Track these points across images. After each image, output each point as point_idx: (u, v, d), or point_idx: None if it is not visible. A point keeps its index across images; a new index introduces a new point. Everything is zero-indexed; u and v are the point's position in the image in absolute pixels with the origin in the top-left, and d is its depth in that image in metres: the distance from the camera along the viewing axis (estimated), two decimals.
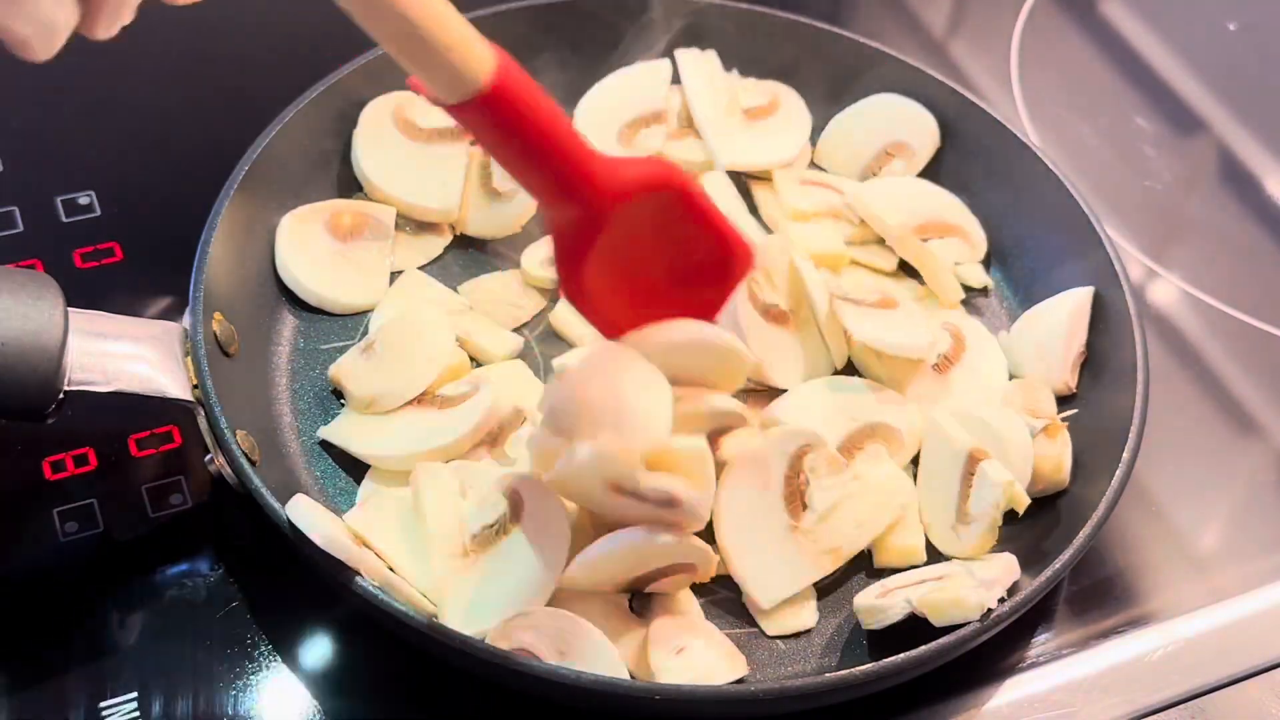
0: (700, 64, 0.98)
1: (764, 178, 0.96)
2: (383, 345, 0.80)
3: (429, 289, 0.86)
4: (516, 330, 0.86)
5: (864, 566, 0.77)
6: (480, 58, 0.58)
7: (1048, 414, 0.80)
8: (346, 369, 0.80)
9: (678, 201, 0.68)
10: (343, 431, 0.79)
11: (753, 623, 0.74)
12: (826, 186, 0.95)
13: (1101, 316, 0.85)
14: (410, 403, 0.79)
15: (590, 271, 0.66)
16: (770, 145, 0.96)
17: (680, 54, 0.99)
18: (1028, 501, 0.75)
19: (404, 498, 0.74)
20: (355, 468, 0.78)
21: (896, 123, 0.97)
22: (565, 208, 0.64)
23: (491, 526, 0.72)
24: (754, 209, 0.95)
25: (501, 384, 0.79)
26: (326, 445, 0.79)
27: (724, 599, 0.75)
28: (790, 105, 0.99)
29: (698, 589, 0.74)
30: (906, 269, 0.92)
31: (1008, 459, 0.76)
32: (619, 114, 0.96)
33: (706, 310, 0.73)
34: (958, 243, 0.93)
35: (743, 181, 0.95)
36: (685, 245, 0.70)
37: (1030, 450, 0.77)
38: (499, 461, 0.78)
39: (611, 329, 0.70)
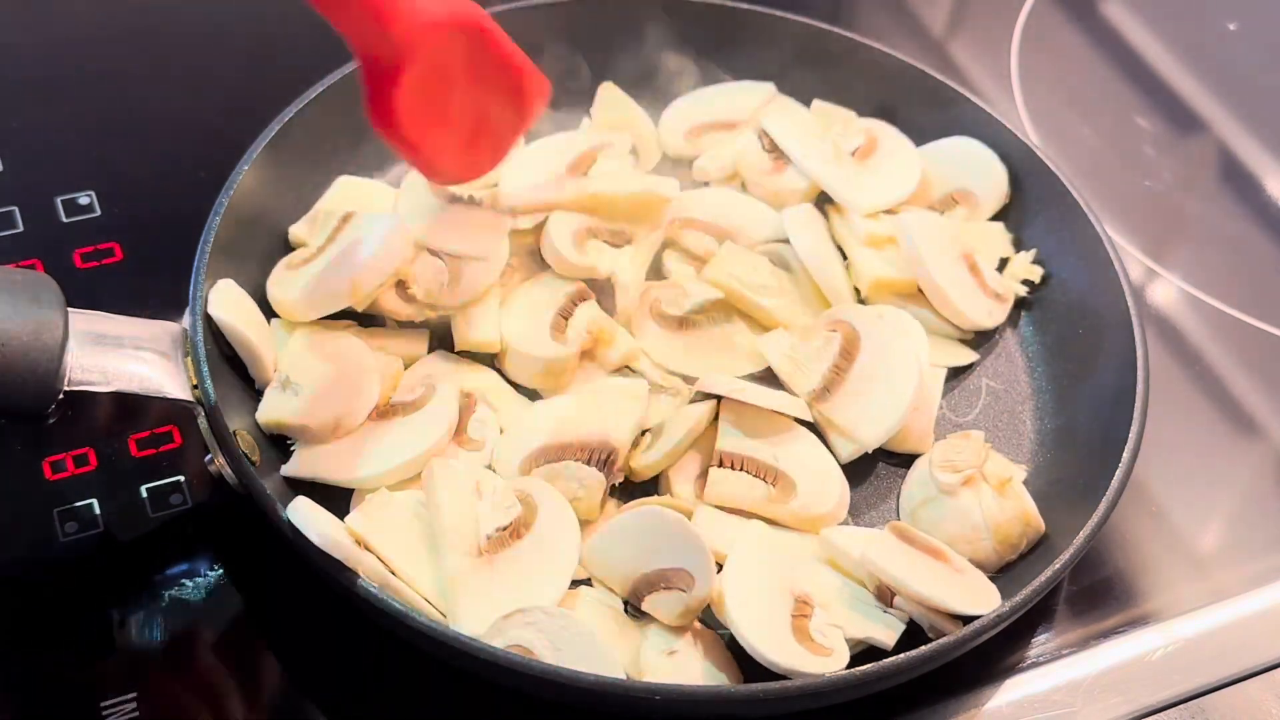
0: (789, 123, 0.96)
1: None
2: (298, 375, 0.77)
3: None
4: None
5: None
6: None
7: (968, 464, 0.77)
8: (280, 409, 0.76)
9: (479, 38, 0.72)
10: (309, 464, 0.75)
11: None
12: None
13: (1102, 316, 0.85)
14: (368, 418, 0.78)
15: (401, 107, 0.69)
16: (891, 181, 0.94)
17: (766, 121, 0.96)
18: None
19: (403, 500, 0.73)
20: None
21: (967, 170, 0.95)
22: (375, 45, 0.67)
23: (505, 529, 0.72)
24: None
25: (443, 376, 0.81)
26: None
27: None
28: (889, 138, 0.97)
29: None
30: None
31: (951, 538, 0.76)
32: (696, 116, 0.99)
33: (506, 137, 0.77)
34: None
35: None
36: (486, 80, 0.73)
37: (981, 532, 0.76)
38: (467, 449, 0.78)
39: (425, 164, 0.74)
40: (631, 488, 0.79)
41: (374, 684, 0.71)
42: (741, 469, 0.78)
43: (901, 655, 0.66)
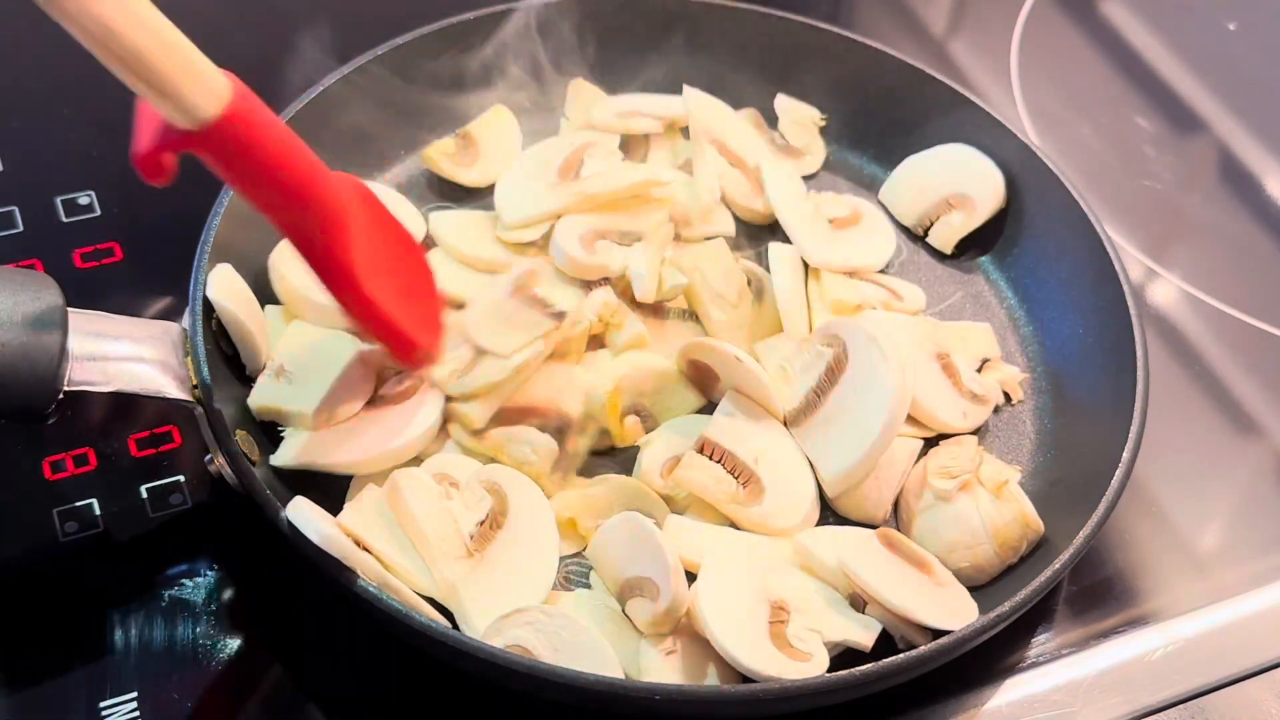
0: (784, 178, 0.95)
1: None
2: (293, 363, 0.77)
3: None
4: None
5: None
6: (214, 86, 0.58)
7: (963, 470, 0.77)
8: (273, 395, 0.76)
9: (375, 205, 0.72)
10: (297, 452, 0.75)
11: None
12: (878, 284, 0.91)
13: (1102, 317, 0.85)
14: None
15: (357, 267, 0.67)
16: (860, 250, 0.92)
17: (766, 168, 0.94)
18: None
19: None
20: None
21: (964, 176, 0.94)
22: (308, 220, 0.65)
23: (483, 522, 0.72)
24: None
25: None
26: None
27: None
28: (872, 216, 0.95)
29: None
30: None
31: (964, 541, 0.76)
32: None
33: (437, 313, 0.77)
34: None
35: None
36: (395, 250, 0.73)
37: (981, 534, 0.75)
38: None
39: (396, 337, 0.71)
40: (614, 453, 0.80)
41: (374, 684, 0.71)
42: (719, 461, 0.77)
43: (901, 655, 0.66)
